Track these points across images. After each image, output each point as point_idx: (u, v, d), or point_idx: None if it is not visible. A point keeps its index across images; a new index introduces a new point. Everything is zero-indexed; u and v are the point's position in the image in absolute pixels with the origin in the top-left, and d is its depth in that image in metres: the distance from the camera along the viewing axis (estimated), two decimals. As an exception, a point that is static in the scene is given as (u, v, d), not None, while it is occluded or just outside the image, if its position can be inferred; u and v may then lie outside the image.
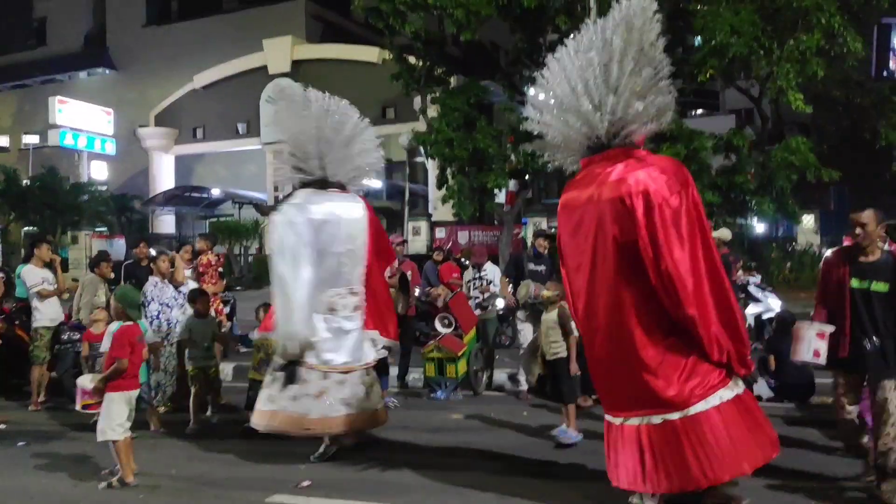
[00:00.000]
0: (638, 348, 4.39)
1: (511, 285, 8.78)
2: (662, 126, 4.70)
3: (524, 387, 8.56)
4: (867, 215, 4.85)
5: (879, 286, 4.79)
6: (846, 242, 18.13)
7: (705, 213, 4.59)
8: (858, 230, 4.85)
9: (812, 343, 4.86)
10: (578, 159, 4.89)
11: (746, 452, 4.29)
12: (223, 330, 8.46)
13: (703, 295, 4.30)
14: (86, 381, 5.59)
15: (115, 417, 5.40)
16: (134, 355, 5.52)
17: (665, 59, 4.54)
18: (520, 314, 8.55)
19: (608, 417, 4.68)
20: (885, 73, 11.46)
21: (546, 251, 8.86)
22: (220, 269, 8.97)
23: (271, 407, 5.93)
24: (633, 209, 4.30)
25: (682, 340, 4.38)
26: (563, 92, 4.75)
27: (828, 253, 5.34)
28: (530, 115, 5.01)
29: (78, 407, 5.67)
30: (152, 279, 8.03)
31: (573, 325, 6.14)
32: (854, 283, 4.85)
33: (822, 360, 4.86)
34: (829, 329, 4.87)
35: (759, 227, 21.50)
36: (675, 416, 4.32)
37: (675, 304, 4.30)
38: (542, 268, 8.66)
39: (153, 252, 9.28)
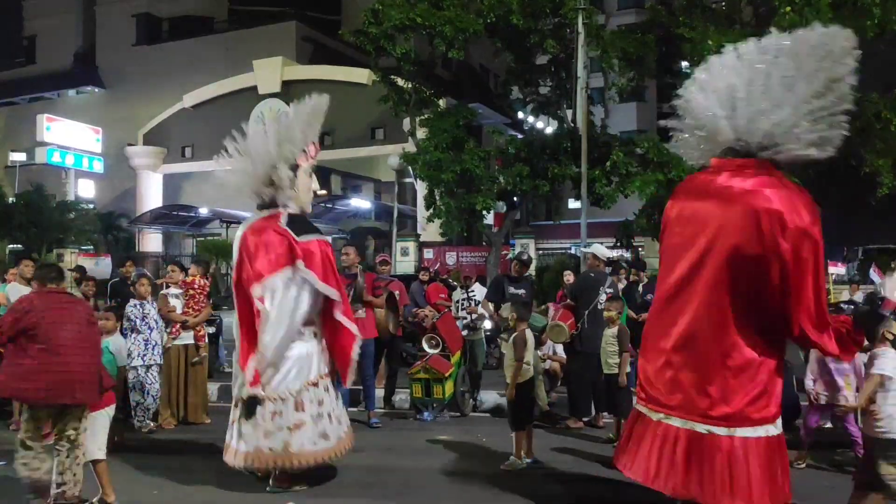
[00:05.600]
0: (722, 357, 4.39)
1: (493, 308, 8.88)
2: (819, 156, 4.44)
3: None
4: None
5: None
6: (831, 268, 18.17)
7: None
8: None
9: None
10: (710, 155, 4.77)
11: (764, 490, 4.31)
12: (200, 354, 8.42)
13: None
14: None
15: (100, 436, 5.32)
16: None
17: (849, 96, 4.36)
18: (504, 336, 8.56)
19: (644, 410, 4.70)
20: None
21: (521, 275, 8.98)
22: (208, 291, 8.97)
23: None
24: (767, 227, 4.23)
25: (762, 363, 4.40)
26: (727, 85, 4.56)
27: None
28: (685, 91, 4.82)
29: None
30: (133, 301, 8.03)
31: (526, 352, 6.33)
32: None
33: None
34: None
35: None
36: (721, 431, 4.35)
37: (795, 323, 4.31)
38: (521, 291, 8.71)
39: (134, 275, 9.30)
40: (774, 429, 4.42)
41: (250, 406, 5.60)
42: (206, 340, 8.66)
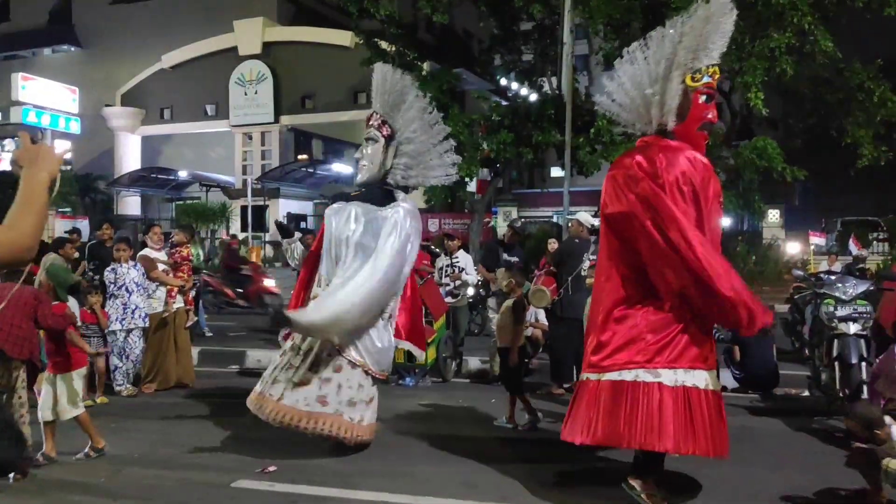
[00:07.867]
0: (605, 311, 4.58)
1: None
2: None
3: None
4: None
5: None
6: (811, 238, 18.38)
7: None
8: None
9: None
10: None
11: (674, 435, 4.22)
12: (188, 323, 8.45)
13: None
14: None
15: (74, 395, 5.54)
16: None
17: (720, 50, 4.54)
18: (491, 302, 8.60)
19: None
20: None
21: (513, 242, 9.09)
22: (191, 259, 8.93)
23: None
24: (623, 183, 4.52)
25: (638, 315, 4.49)
26: (637, 75, 4.76)
27: None
28: (610, 92, 4.93)
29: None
30: (113, 265, 7.94)
31: (528, 315, 6.36)
32: None
33: None
34: None
35: (724, 221, 21.81)
36: (592, 377, 4.51)
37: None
38: (515, 258, 8.76)
39: (116, 238, 9.24)
40: (688, 376, 4.40)
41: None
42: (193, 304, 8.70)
